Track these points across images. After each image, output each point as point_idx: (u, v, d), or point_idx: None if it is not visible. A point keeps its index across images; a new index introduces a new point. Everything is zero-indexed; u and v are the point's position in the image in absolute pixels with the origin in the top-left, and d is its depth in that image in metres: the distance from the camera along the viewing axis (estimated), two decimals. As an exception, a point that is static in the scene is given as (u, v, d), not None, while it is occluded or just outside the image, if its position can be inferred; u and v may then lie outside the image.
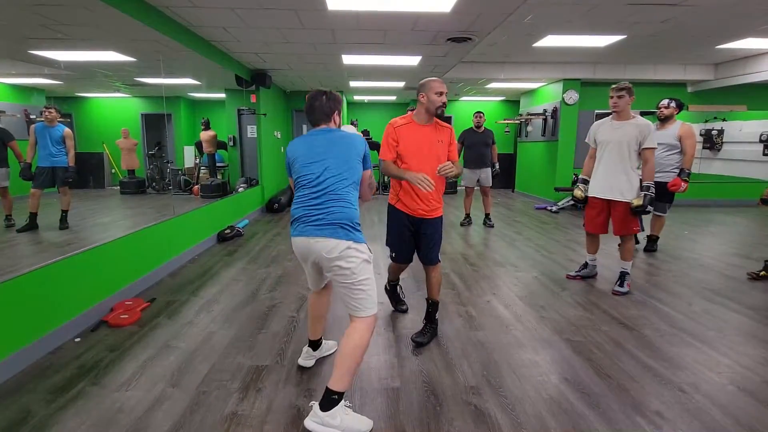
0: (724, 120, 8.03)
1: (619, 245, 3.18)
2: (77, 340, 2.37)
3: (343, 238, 1.68)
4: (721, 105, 7.49)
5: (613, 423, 1.67)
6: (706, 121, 8.28)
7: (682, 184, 3.64)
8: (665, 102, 3.78)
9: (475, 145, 5.40)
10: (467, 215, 5.71)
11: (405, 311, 2.81)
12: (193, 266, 3.83)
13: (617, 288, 3.12)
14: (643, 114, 3.88)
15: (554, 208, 6.74)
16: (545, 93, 7.76)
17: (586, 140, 3.31)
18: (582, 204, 3.28)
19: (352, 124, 8.58)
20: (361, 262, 1.72)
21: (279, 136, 7.92)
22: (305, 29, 4.01)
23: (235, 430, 1.63)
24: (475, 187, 5.61)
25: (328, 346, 2.23)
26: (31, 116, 4.54)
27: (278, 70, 6.20)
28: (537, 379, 1.99)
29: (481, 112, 5.45)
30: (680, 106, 3.78)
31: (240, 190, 6.41)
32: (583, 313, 2.77)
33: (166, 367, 2.10)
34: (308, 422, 1.61)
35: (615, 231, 3.12)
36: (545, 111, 7.58)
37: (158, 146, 8.06)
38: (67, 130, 4.56)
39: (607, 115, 3.16)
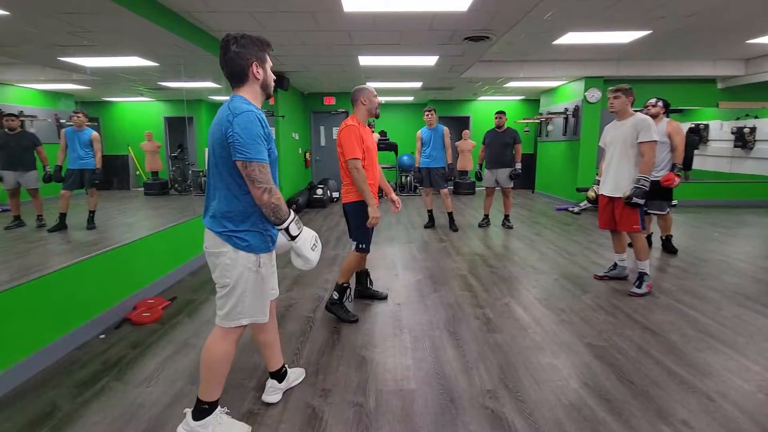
0: (756, 117, 7.68)
1: (629, 244, 3.24)
2: (102, 336, 2.45)
3: (218, 236, 1.49)
4: (753, 102, 7.17)
5: (636, 431, 1.61)
6: (738, 119, 7.94)
7: (675, 178, 3.66)
8: (652, 101, 3.82)
9: (492, 144, 5.28)
10: (486, 216, 5.63)
11: (356, 321, 2.63)
12: (213, 266, 3.90)
13: (634, 289, 3.04)
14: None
15: (576, 209, 6.58)
16: (566, 91, 7.59)
17: (599, 143, 3.35)
18: (595, 204, 3.37)
19: (369, 125, 8.59)
20: (234, 267, 1.47)
21: (297, 138, 8.01)
22: (322, 31, 4.04)
23: (252, 428, 1.65)
24: (496, 188, 5.50)
25: (296, 375, 1.96)
26: (61, 120, 4.74)
27: (296, 72, 6.28)
28: (556, 384, 1.94)
29: (503, 112, 5.32)
30: (666, 106, 3.82)
31: (259, 191, 6.50)
32: (605, 317, 2.69)
33: (185, 364, 2.14)
34: (179, 430, 1.54)
35: (618, 227, 3.17)
36: (566, 110, 7.41)
37: (180, 148, 8.26)
38: (94, 133, 4.73)
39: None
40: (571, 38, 4.82)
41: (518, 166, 5.30)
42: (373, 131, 8.41)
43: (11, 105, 4.86)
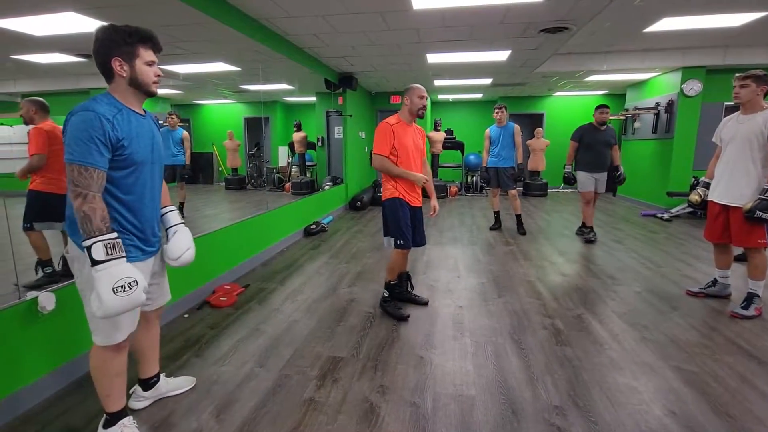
0: None
1: (736, 258, 2.71)
2: (186, 316, 2.71)
3: (70, 239, 1.39)
4: None
5: (736, 474, 1.39)
6: None
7: None
8: None
9: (595, 144, 4.48)
10: (590, 228, 4.71)
11: (406, 319, 2.63)
12: (282, 257, 4.13)
13: (739, 310, 2.63)
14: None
15: (666, 216, 5.89)
16: (658, 84, 6.83)
17: (713, 139, 2.87)
18: (700, 210, 2.88)
19: (434, 123, 8.50)
20: (80, 275, 1.38)
21: (363, 137, 8.19)
22: (390, 30, 4.06)
23: (312, 415, 1.71)
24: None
25: (172, 385, 1.84)
26: (159, 122, 5.33)
27: (364, 73, 6.40)
28: (635, 408, 1.74)
29: (607, 107, 4.50)
30: None
31: (326, 187, 6.76)
32: (698, 339, 2.37)
33: (255, 348, 2.29)
34: None
35: (733, 241, 2.69)
36: (658, 104, 6.67)
37: (257, 147, 8.90)
38: (185, 132, 5.27)
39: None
40: (667, 24, 4.31)
41: (622, 169, 4.53)
42: (439, 129, 8.34)
43: (121, 108, 5.54)
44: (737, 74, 2.60)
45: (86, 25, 3.08)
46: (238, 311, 2.80)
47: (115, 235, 1.30)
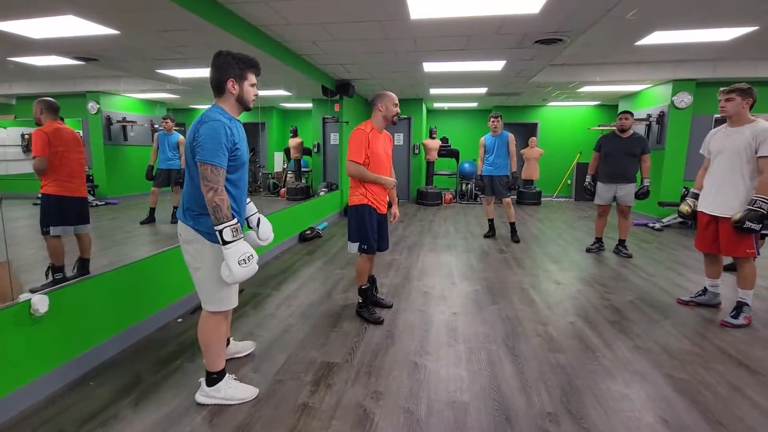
0: None
1: (725, 267, 2.80)
2: (179, 320, 2.69)
3: (189, 227, 1.70)
4: None
5: (726, 481, 1.41)
6: None
7: None
8: None
9: (613, 153, 4.29)
10: (598, 239, 4.68)
11: (381, 322, 2.68)
12: (277, 262, 4.12)
13: (728, 319, 2.67)
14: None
15: (657, 225, 5.97)
16: (650, 96, 6.96)
17: (700, 150, 2.94)
18: (690, 220, 2.94)
19: (430, 131, 8.56)
20: (201, 253, 1.69)
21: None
22: (388, 39, 4.12)
23: (306, 421, 1.70)
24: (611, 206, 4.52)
25: (238, 348, 2.22)
26: (155, 126, 5.34)
27: (361, 80, 6.45)
28: (627, 415, 1.76)
29: (630, 113, 4.29)
30: None
31: (321, 193, 6.77)
32: (690, 347, 2.39)
33: (249, 353, 2.28)
34: (198, 396, 1.83)
35: (722, 251, 2.73)
36: (649, 116, 6.78)
37: (253, 152, 8.89)
38: (181, 137, 5.27)
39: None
40: (659, 38, 4.41)
41: (647, 182, 4.25)
42: (434, 137, 8.40)
43: (118, 112, 5.57)
44: (722, 88, 2.67)
45: (85, 28, 3.09)
46: (232, 316, 2.78)
47: (236, 220, 1.60)
